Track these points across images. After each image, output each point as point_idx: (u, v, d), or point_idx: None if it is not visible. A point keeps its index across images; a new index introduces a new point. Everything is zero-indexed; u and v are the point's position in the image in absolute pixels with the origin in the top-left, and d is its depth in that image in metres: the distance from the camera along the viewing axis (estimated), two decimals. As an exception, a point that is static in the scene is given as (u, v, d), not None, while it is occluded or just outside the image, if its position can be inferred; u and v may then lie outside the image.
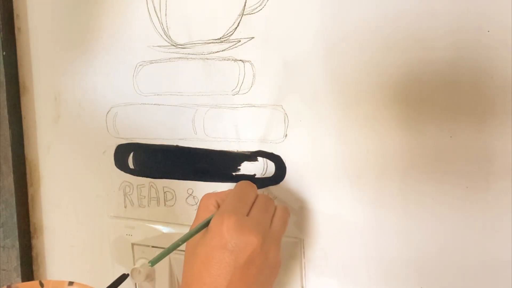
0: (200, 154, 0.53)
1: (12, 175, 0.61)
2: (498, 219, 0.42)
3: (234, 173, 0.52)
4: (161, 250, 0.39)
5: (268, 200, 0.44)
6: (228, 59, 0.50)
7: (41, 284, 0.42)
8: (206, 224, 0.41)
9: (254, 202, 0.43)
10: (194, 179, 0.54)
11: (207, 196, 0.44)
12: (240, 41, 0.49)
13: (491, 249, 0.42)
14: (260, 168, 0.50)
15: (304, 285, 0.50)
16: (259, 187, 0.51)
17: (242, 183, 0.46)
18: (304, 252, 0.50)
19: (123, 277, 0.42)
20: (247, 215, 0.41)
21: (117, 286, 0.43)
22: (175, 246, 0.40)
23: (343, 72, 0.45)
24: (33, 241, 0.64)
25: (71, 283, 0.43)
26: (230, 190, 0.45)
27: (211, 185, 0.53)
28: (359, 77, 0.45)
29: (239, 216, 0.40)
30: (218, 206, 0.43)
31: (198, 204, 0.48)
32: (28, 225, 0.64)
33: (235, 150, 0.51)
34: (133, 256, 0.57)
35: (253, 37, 0.49)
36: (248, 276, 0.39)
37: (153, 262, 0.38)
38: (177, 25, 0.52)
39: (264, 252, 0.40)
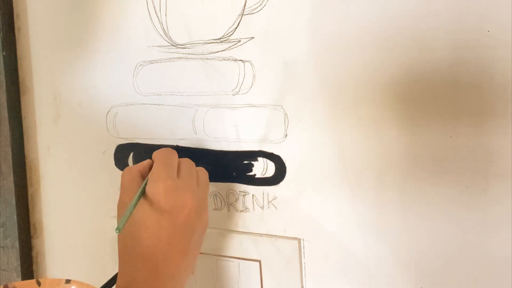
0: (200, 154, 0.53)
1: (12, 175, 0.61)
2: (498, 219, 0.42)
3: (234, 173, 0.52)
4: None
5: (190, 164, 0.46)
6: (228, 59, 0.50)
7: (38, 283, 0.42)
8: (143, 190, 0.42)
9: (178, 167, 0.45)
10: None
11: (129, 168, 0.45)
12: (240, 41, 0.49)
13: (491, 248, 0.42)
14: (260, 168, 0.50)
15: (304, 285, 0.50)
16: (258, 184, 0.51)
17: (162, 150, 0.46)
18: (304, 252, 0.50)
19: (117, 276, 0.42)
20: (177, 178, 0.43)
21: (112, 285, 0.43)
22: (129, 214, 0.40)
23: (343, 72, 0.45)
24: (33, 241, 0.64)
25: (68, 281, 0.43)
26: (149, 161, 0.46)
27: (211, 184, 0.53)
28: (359, 77, 0.45)
29: (173, 180, 0.42)
30: (142, 176, 0.45)
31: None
32: (28, 225, 0.64)
33: (235, 150, 0.51)
34: (133, 256, 0.57)
35: (253, 37, 0.49)
36: (186, 234, 0.42)
37: (119, 227, 0.39)
38: (177, 25, 0.52)
39: (198, 212, 0.43)
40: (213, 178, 0.53)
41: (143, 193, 0.42)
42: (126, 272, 0.41)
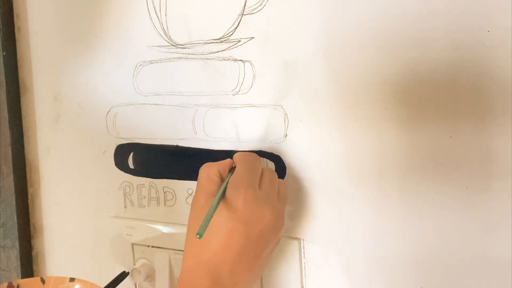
0: (200, 154, 0.53)
1: (12, 175, 0.61)
2: (498, 219, 0.42)
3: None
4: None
5: (273, 174, 0.44)
6: (228, 59, 0.50)
7: (43, 281, 0.42)
8: (223, 194, 0.40)
9: (262, 175, 0.43)
10: (194, 179, 0.54)
11: (208, 165, 0.43)
12: (240, 41, 0.49)
13: (491, 248, 0.42)
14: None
15: (304, 285, 0.50)
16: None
17: (249, 154, 0.44)
18: (304, 252, 0.50)
19: (123, 275, 0.41)
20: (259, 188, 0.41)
21: (118, 284, 0.43)
22: (209, 219, 0.38)
23: (343, 72, 0.46)
24: (33, 241, 0.64)
25: (72, 279, 0.43)
26: (230, 160, 0.44)
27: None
28: (359, 77, 0.45)
29: (255, 189, 0.40)
30: (221, 176, 0.43)
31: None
32: (28, 225, 0.64)
33: (236, 150, 0.51)
34: (133, 256, 0.57)
35: (253, 37, 0.49)
36: (257, 248, 0.39)
37: (201, 233, 0.36)
38: (177, 25, 0.52)
39: (275, 227, 0.40)
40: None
41: (223, 197, 0.40)
42: (188, 277, 0.39)
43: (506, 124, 0.41)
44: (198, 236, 0.36)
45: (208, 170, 0.43)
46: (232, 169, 0.44)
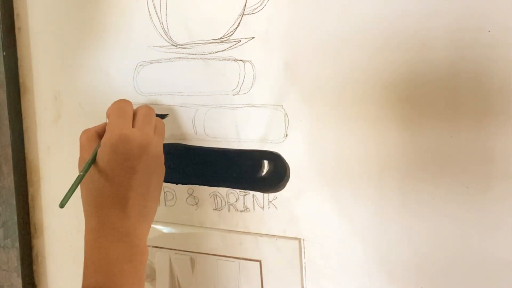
0: (200, 154, 0.53)
1: (12, 175, 0.61)
2: (498, 219, 0.42)
3: (234, 174, 0.52)
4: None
5: (149, 111, 0.48)
6: (229, 59, 0.50)
7: None
8: (97, 152, 0.44)
9: (135, 115, 0.47)
10: (195, 183, 0.54)
11: (86, 130, 0.47)
12: (240, 41, 0.49)
13: (491, 249, 0.42)
14: (261, 168, 0.50)
15: (304, 285, 0.50)
16: (259, 187, 0.51)
17: (117, 102, 0.48)
18: (304, 252, 0.50)
19: None
20: (133, 127, 0.45)
21: None
22: (79, 179, 0.43)
23: (343, 72, 0.46)
24: (33, 241, 0.64)
25: None
26: (105, 122, 0.48)
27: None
28: (359, 77, 0.45)
29: (126, 129, 0.44)
30: (99, 136, 0.47)
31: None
32: (28, 225, 0.64)
33: (236, 149, 0.51)
34: (133, 256, 0.57)
35: (253, 37, 0.49)
36: (145, 179, 0.44)
37: (63, 203, 0.42)
38: (178, 25, 0.52)
39: (154, 158, 0.45)
40: (213, 179, 0.53)
41: (96, 155, 0.44)
42: (94, 220, 0.44)
43: (506, 124, 0.41)
44: (60, 206, 0.41)
45: (87, 133, 0.47)
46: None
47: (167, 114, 0.53)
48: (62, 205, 0.41)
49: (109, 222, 0.43)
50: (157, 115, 0.50)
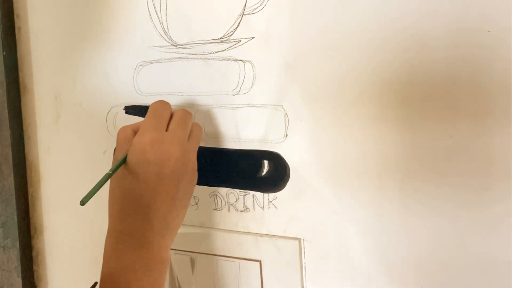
0: (200, 154, 0.53)
1: (12, 175, 0.61)
2: (498, 219, 0.42)
3: (234, 174, 0.52)
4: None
5: (185, 114, 0.47)
6: (229, 59, 0.50)
7: None
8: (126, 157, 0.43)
9: (171, 118, 0.46)
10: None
11: (124, 128, 0.46)
12: (240, 41, 0.49)
13: (491, 248, 0.42)
14: (261, 168, 0.50)
15: (304, 285, 0.50)
16: (259, 187, 0.51)
17: (155, 102, 0.47)
18: (304, 252, 0.50)
19: (94, 285, 0.42)
20: (166, 130, 0.44)
21: None
22: (106, 178, 0.42)
23: (343, 72, 0.46)
24: (33, 241, 0.64)
25: None
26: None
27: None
28: (359, 77, 0.45)
29: (158, 131, 0.43)
30: (135, 135, 0.45)
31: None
32: (28, 225, 0.64)
33: (237, 148, 0.51)
34: (133, 256, 0.57)
35: (253, 37, 0.49)
36: (172, 185, 0.42)
37: (85, 200, 0.39)
38: (178, 25, 0.52)
39: (184, 164, 0.43)
40: (213, 179, 0.53)
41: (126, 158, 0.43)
42: (116, 223, 0.42)
43: (506, 124, 0.41)
44: (81, 203, 0.39)
45: (124, 132, 0.45)
46: None
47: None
48: (83, 202, 0.39)
49: (131, 227, 0.41)
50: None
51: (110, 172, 0.42)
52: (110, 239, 0.42)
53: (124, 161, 0.43)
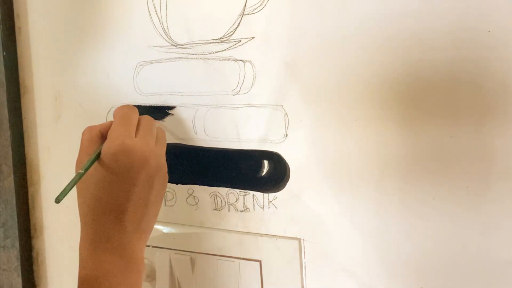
0: (200, 153, 0.53)
1: (12, 175, 0.61)
2: (498, 219, 0.42)
3: (234, 174, 0.52)
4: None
5: (151, 121, 0.47)
6: (229, 59, 0.50)
7: None
8: (99, 153, 0.43)
9: (138, 124, 0.46)
10: (195, 183, 0.54)
11: (90, 128, 0.46)
12: (240, 41, 0.49)
13: (492, 248, 0.42)
14: (261, 168, 0.50)
15: (304, 285, 0.50)
16: (259, 187, 0.51)
17: (123, 107, 0.47)
18: (304, 252, 0.50)
19: None
20: (135, 136, 0.44)
21: None
22: (78, 177, 0.42)
23: (343, 72, 0.46)
24: (33, 241, 0.64)
25: None
26: (111, 121, 0.47)
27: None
28: (359, 77, 0.45)
29: (129, 139, 0.43)
30: (102, 136, 0.45)
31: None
32: (28, 225, 0.64)
33: (236, 148, 0.51)
34: (133, 256, 0.57)
35: (253, 37, 0.49)
36: (144, 190, 0.43)
37: (59, 198, 0.40)
38: (178, 25, 0.52)
39: (157, 168, 0.44)
40: (213, 179, 0.53)
41: (99, 156, 0.43)
42: (90, 230, 0.42)
43: (506, 124, 0.41)
44: (56, 201, 0.39)
45: (90, 132, 0.45)
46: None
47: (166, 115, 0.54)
48: (58, 200, 0.40)
49: (105, 233, 0.42)
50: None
51: (82, 171, 0.42)
52: (85, 244, 0.42)
53: (94, 161, 0.43)
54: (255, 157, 0.50)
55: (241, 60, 0.50)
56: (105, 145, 0.43)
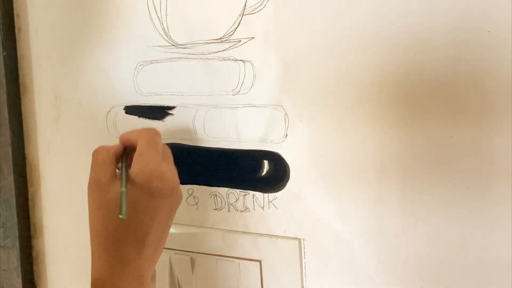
0: (200, 154, 0.53)
1: (12, 175, 0.61)
2: (498, 219, 0.42)
3: (234, 174, 0.52)
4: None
5: (168, 148, 0.46)
6: (229, 59, 0.50)
7: None
8: (127, 172, 0.42)
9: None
10: (195, 183, 0.54)
11: (104, 148, 0.44)
12: (240, 41, 0.49)
13: (491, 248, 0.42)
14: (261, 168, 0.50)
15: (304, 285, 0.50)
16: (259, 187, 0.51)
17: (147, 130, 0.45)
18: (304, 252, 0.50)
19: None
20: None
21: None
22: (125, 195, 0.40)
23: (343, 72, 0.46)
24: (33, 241, 0.64)
25: None
26: (122, 145, 0.45)
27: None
28: (359, 77, 0.45)
29: (161, 165, 0.42)
30: (116, 157, 0.44)
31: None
32: (28, 225, 0.64)
33: (236, 148, 0.51)
34: (133, 256, 0.57)
35: (253, 37, 0.49)
36: (166, 219, 0.43)
37: (124, 213, 0.39)
38: (178, 25, 0.52)
39: (179, 198, 0.44)
40: (213, 179, 0.53)
41: (128, 177, 0.42)
42: (108, 256, 0.41)
43: (506, 124, 0.41)
44: (122, 216, 0.39)
45: (106, 151, 0.44)
46: (125, 150, 0.45)
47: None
48: (124, 215, 0.39)
49: (125, 261, 0.40)
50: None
51: (125, 189, 0.40)
52: (100, 267, 0.42)
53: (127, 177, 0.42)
54: (255, 157, 0.50)
55: (241, 60, 0.50)
56: (136, 167, 0.41)
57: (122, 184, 0.41)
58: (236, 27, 0.49)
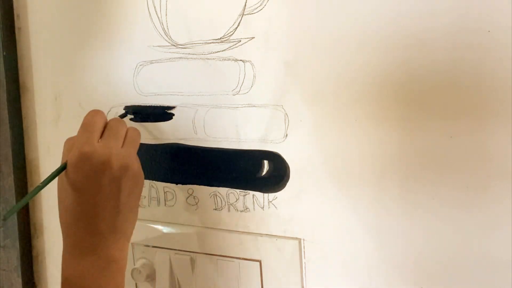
0: (200, 154, 0.53)
1: (12, 175, 0.61)
2: (497, 218, 0.42)
3: (234, 174, 0.52)
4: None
5: (118, 123, 0.47)
6: (229, 59, 0.50)
7: None
8: (65, 165, 0.44)
9: (105, 128, 0.46)
10: (195, 183, 0.54)
11: (69, 139, 0.46)
12: (240, 41, 0.49)
13: (491, 248, 0.42)
14: (261, 168, 0.50)
15: (304, 285, 0.50)
16: (259, 187, 0.51)
17: (87, 114, 0.47)
18: (304, 252, 0.50)
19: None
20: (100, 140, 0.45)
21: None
22: (35, 192, 0.43)
23: (343, 72, 0.46)
24: (33, 241, 0.64)
25: None
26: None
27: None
28: (359, 77, 0.45)
29: (87, 146, 0.43)
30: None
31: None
32: (28, 225, 0.64)
33: (236, 148, 0.51)
34: (133, 256, 0.57)
35: (253, 37, 0.49)
36: (111, 194, 0.43)
37: (7, 216, 0.41)
38: (178, 25, 0.52)
39: (122, 169, 0.44)
40: (213, 179, 0.53)
41: (65, 167, 0.44)
42: (67, 239, 0.45)
43: (506, 124, 0.41)
44: (3, 219, 0.41)
45: (68, 143, 0.46)
46: None
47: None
48: (5, 218, 0.41)
49: (79, 240, 0.44)
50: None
51: (41, 184, 0.43)
52: (65, 254, 0.45)
53: (57, 174, 0.44)
54: (255, 157, 0.50)
55: (241, 60, 0.50)
56: (69, 156, 0.44)
57: (44, 180, 0.43)
58: (236, 27, 0.49)
